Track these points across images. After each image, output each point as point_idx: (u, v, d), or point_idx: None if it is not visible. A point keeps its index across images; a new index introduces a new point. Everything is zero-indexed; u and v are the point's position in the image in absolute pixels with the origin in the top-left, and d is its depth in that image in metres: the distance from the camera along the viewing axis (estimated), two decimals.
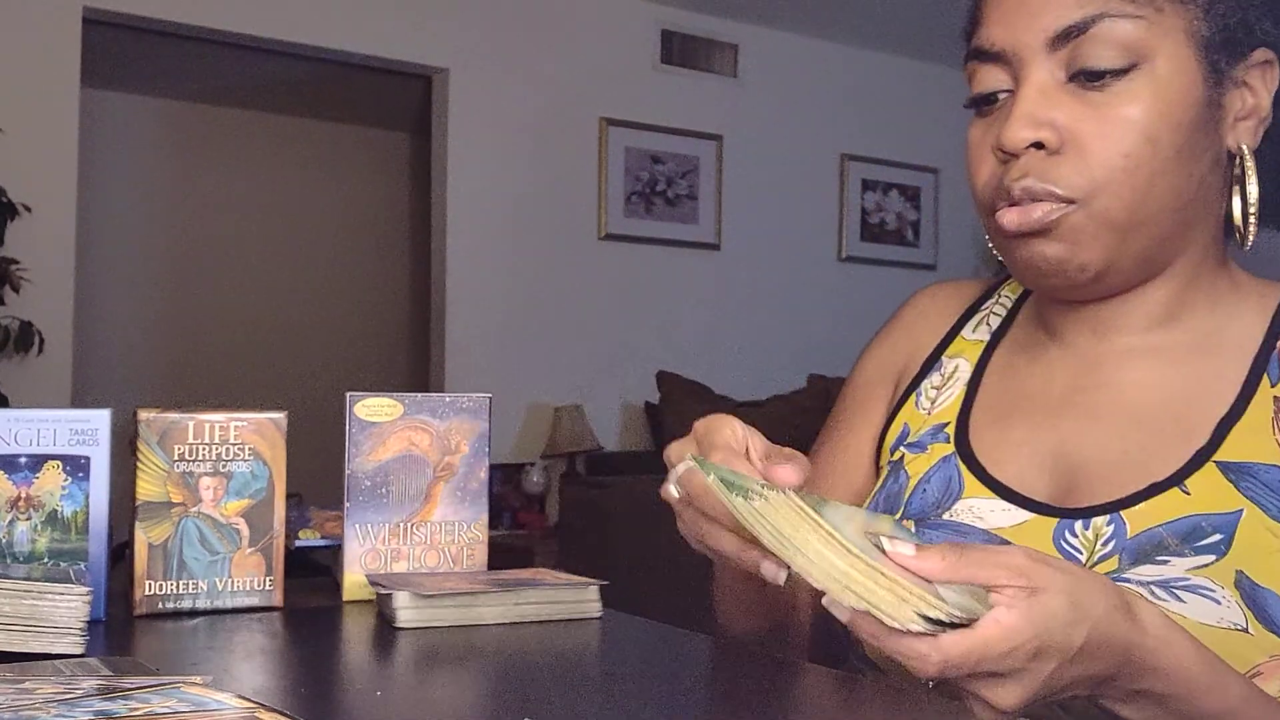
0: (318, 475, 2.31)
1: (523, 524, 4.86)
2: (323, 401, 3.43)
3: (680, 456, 0.73)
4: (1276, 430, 0.77)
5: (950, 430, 0.89)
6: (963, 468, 0.85)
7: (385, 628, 0.96)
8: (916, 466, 0.88)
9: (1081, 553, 0.77)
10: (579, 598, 0.98)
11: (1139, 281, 0.81)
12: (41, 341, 3.93)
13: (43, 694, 0.64)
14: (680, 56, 5.45)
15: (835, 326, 5.40)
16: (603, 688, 0.80)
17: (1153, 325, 0.83)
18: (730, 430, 0.73)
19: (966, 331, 0.95)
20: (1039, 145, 0.77)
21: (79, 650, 0.83)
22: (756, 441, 0.74)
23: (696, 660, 0.89)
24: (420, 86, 5.25)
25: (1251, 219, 0.79)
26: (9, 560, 0.96)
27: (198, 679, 0.70)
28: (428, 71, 4.96)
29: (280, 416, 1.05)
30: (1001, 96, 0.80)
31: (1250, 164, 0.78)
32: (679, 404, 4.77)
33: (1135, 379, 0.82)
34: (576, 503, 4.28)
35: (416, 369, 6.20)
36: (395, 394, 1.09)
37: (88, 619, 0.84)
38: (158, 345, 6.07)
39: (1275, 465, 0.75)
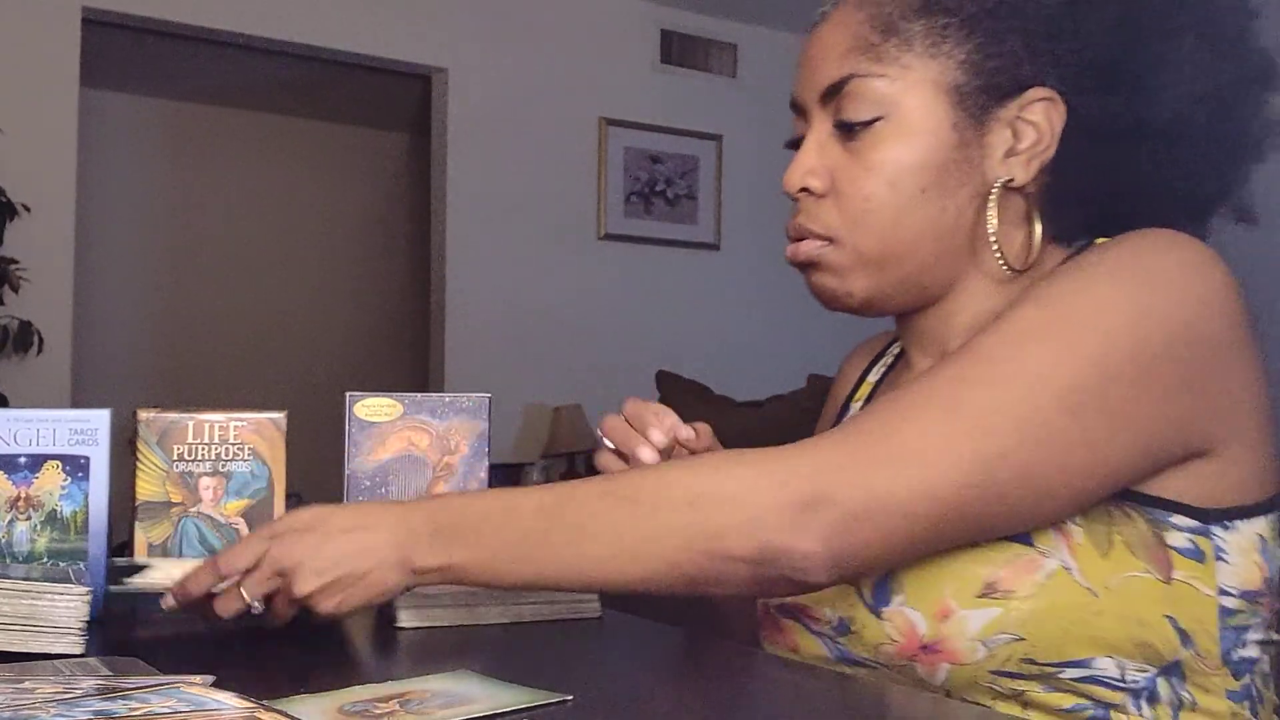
0: (317, 475, 2.31)
1: None
2: (323, 401, 3.43)
3: (613, 429, 0.94)
4: None
5: None
6: None
7: (385, 628, 0.96)
8: None
9: None
10: (578, 598, 0.98)
11: (922, 302, 0.89)
12: (41, 341, 3.93)
13: (42, 694, 0.64)
14: (680, 56, 5.45)
15: (835, 326, 5.37)
16: (602, 688, 0.80)
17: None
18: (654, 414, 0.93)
19: (870, 376, 1.04)
20: (810, 190, 0.87)
21: (78, 650, 0.83)
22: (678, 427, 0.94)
23: (695, 659, 0.89)
24: (419, 86, 5.25)
25: (995, 246, 0.85)
26: (8, 560, 0.96)
27: (197, 679, 0.70)
28: (427, 71, 4.96)
29: (280, 416, 1.05)
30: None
31: (994, 197, 0.84)
32: (678, 404, 4.75)
33: None
34: None
35: (416, 369, 6.20)
36: (395, 394, 1.09)
37: (87, 619, 0.84)
38: (157, 345, 6.07)
39: None
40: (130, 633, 0.94)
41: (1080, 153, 0.84)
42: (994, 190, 0.84)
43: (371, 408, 1.09)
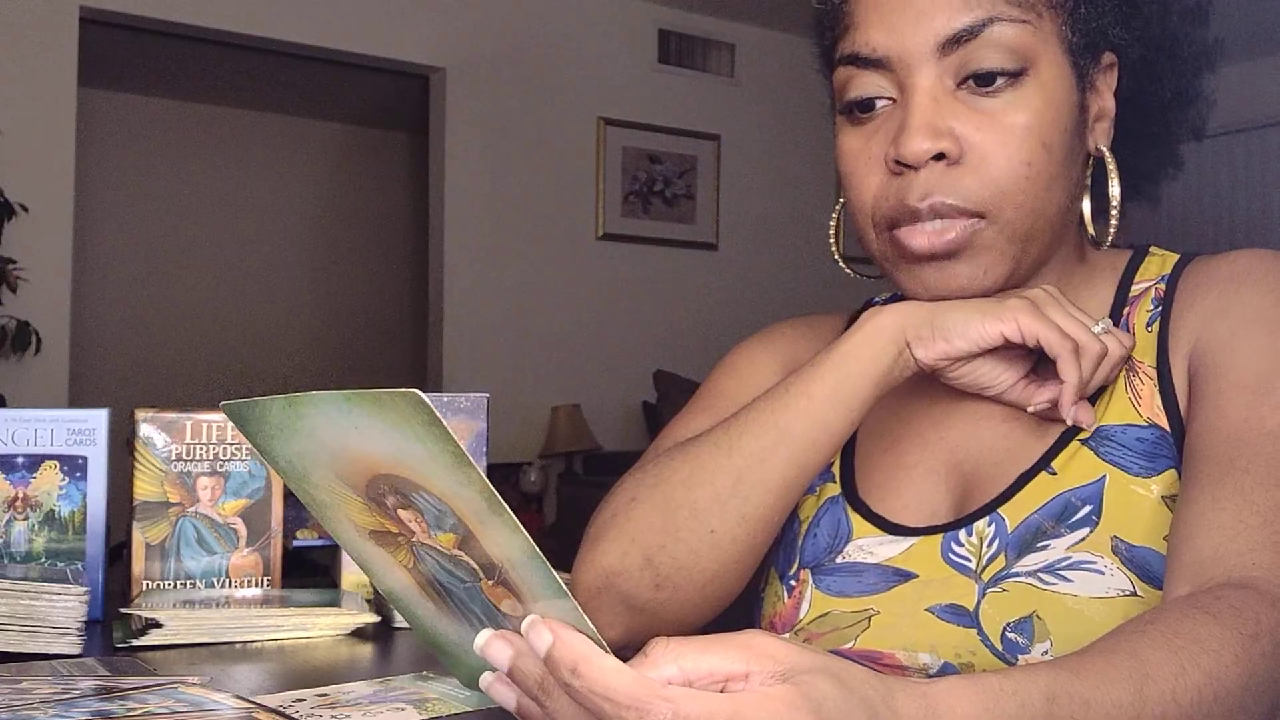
0: None
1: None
2: None
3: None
4: (1129, 390, 0.76)
5: (835, 469, 0.86)
6: (849, 510, 0.83)
7: (384, 627, 0.96)
8: (806, 510, 0.85)
9: (970, 560, 0.75)
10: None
11: (1024, 284, 0.79)
12: (39, 341, 3.93)
13: (40, 694, 0.64)
14: (677, 56, 5.45)
15: None
16: None
17: None
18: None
19: None
20: (939, 156, 0.74)
21: (76, 650, 0.83)
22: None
23: None
24: (419, 86, 5.25)
25: (1114, 218, 0.78)
26: (6, 560, 0.96)
27: (195, 679, 0.70)
28: (425, 71, 4.96)
29: None
30: (880, 104, 0.77)
31: (1112, 165, 0.78)
32: (676, 403, 4.76)
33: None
34: (574, 502, 4.27)
35: (415, 368, 6.20)
36: None
37: (85, 619, 0.84)
38: (155, 345, 6.07)
39: (1132, 424, 0.75)
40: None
41: (1144, 120, 0.82)
42: (1109, 158, 0.78)
43: None
